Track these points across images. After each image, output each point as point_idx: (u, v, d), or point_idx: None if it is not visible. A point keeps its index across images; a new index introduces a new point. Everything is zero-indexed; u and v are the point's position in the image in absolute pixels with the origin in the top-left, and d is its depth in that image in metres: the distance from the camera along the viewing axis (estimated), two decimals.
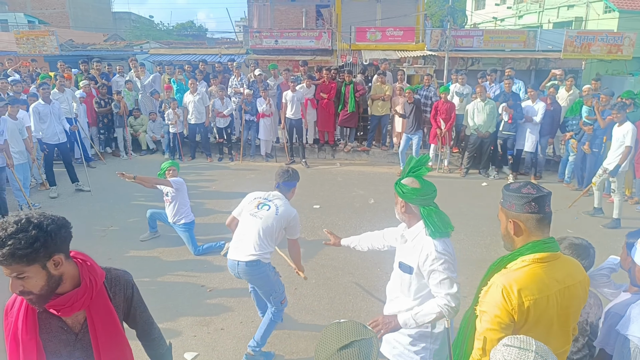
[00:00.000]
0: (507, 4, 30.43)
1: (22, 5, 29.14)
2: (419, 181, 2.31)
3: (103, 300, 1.67)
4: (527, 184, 1.77)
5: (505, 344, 1.39)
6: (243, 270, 3.27)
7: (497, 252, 5.48)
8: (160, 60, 15.24)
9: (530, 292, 1.63)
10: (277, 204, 3.38)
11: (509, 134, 8.33)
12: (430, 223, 2.26)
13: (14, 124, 6.51)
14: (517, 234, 1.76)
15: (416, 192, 2.29)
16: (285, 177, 3.45)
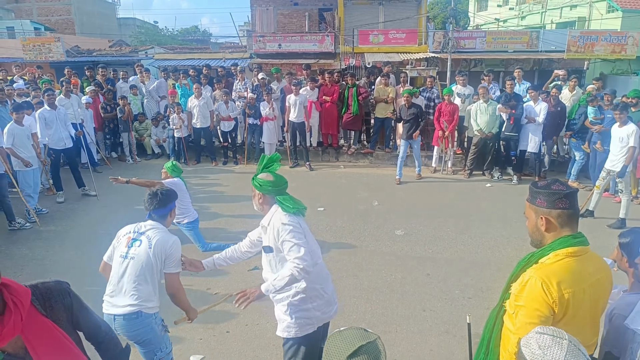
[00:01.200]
0: (509, 5, 30.41)
1: (29, 13, 29.49)
2: (272, 175, 2.65)
3: (36, 319, 1.59)
4: (555, 181, 1.82)
5: (538, 331, 1.41)
6: (121, 325, 2.71)
7: (502, 253, 5.48)
8: (165, 65, 15.35)
9: (568, 284, 1.66)
10: (149, 236, 2.79)
11: (511, 135, 8.32)
12: (285, 206, 2.60)
13: (22, 130, 6.58)
14: (548, 230, 1.79)
15: (270, 183, 2.61)
16: (156, 204, 2.90)
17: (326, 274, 2.87)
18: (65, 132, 7.61)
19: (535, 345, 1.36)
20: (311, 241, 2.70)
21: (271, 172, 2.67)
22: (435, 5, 33.82)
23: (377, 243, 5.81)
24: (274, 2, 20.33)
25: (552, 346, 1.33)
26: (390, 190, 8.14)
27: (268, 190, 2.62)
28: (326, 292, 2.79)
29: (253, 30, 20.10)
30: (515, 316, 1.72)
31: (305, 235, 2.62)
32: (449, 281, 4.83)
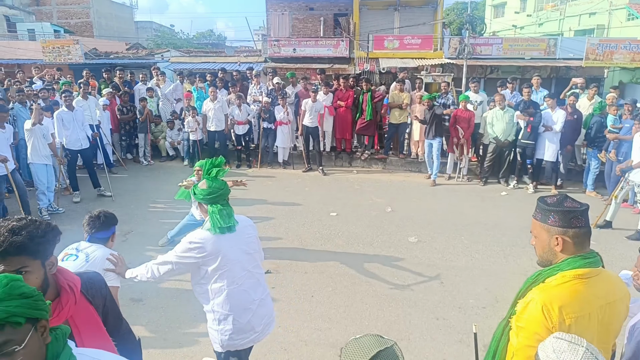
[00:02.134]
0: (527, 12, 30.16)
1: (49, 15, 30.09)
2: (207, 183, 2.55)
3: (83, 304, 1.68)
4: (565, 197, 1.72)
5: (555, 336, 1.38)
6: None
7: (516, 263, 5.40)
8: (180, 69, 15.52)
9: (571, 309, 1.59)
10: (88, 252, 2.62)
11: (528, 143, 8.22)
12: (212, 219, 2.49)
13: (41, 129, 6.72)
14: (564, 251, 1.69)
15: (203, 192, 2.53)
16: (97, 226, 2.70)
17: (245, 304, 2.60)
18: (82, 133, 7.72)
19: (550, 349, 1.35)
20: (225, 264, 2.50)
21: (208, 179, 2.59)
22: (452, 12, 33.70)
23: (390, 250, 5.76)
24: (290, 7, 20.44)
25: (567, 351, 1.31)
26: (403, 196, 8.08)
27: (201, 199, 2.55)
28: (238, 320, 2.58)
29: (268, 34, 20.23)
30: (516, 336, 1.68)
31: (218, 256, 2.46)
32: (462, 290, 4.77)
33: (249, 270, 2.63)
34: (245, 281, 2.60)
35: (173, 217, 6.80)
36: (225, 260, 2.49)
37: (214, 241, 2.47)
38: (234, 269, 2.54)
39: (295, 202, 7.62)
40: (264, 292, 2.74)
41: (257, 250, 2.74)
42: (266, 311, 2.74)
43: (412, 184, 8.90)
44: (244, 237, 2.62)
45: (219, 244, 2.48)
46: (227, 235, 2.51)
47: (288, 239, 6.10)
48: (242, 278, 2.58)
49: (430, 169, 9.22)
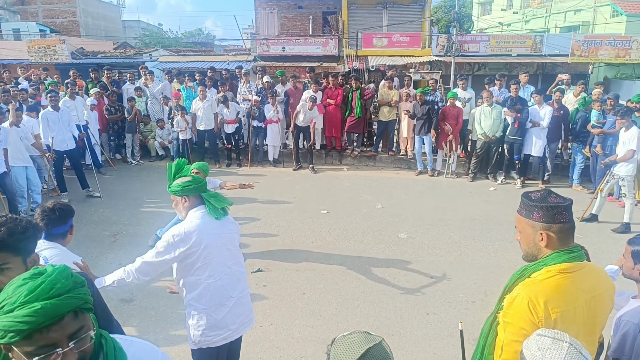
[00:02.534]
0: (513, 9, 30.45)
1: (34, 15, 29.66)
2: (188, 176, 2.58)
3: None
4: (549, 192, 1.73)
5: (539, 333, 1.40)
6: None
7: (505, 257, 5.47)
8: (169, 68, 15.42)
9: (557, 304, 1.61)
10: (46, 256, 2.43)
11: (515, 139, 8.32)
12: (208, 205, 2.52)
13: (17, 131, 6.63)
14: (548, 246, 1.70)
15: (189, 183, 2.52)
16: (54, 221, 2.45)
17: (221, 299, 2.55)
18: (68, 134, 7.64)
19: (535, 347, 1.36)
20: (205, 256, 2.47)
21: (185, 174, 2.59)
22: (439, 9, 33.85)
23: (380, 246, 5.81)
24: (278, 5, 20.41)
25: (552, 348, 1.32)
26: (393, 193, 8.14)
27: (191, 190, 2.51)
28: (212, 316, 2.53)
29: (257, 33, 20.19)
30: (503, 331, 1.70)
31: (199, 249, 2.43)
32: (452, 284, 4.83)
33: (228, 267, 2.58)
34: (223, 277, 2.55)
35: (163, 217, 6.77)
36: (206, 253, 2.45)
37: (198, 232, 2.43)
38: (213, 262, 2.49)
39: (286, 200, 7.64)
40: (243, 291, 2.68)
41: (237, 247, 2.70)
42: (243, 310, 2.67)
43: (402, 180, 8.96)
44: (226, 232, 2.60)
45: (203, 235, 2.44)
46: (211, 228, 2.48)
47: (279, 237, 6.11)
48: (220, 273, 2.53)
49: (419, 165, 9.33)
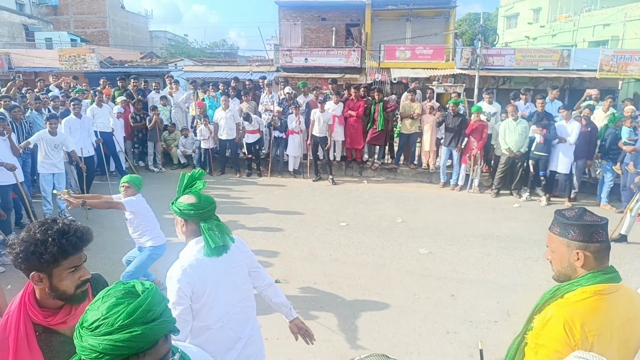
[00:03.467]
0: (540, 23, 30.03)
1: (66, 25, 30.75)
2: (195, 196, 2.22)
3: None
4: (584, 210, 1.68)
5: (577, 355, 1.33)
6: None
7: (529, 277, 5.30)
8: (193, 78, 15.69)
9: (594, 326, 1.54)
10: None
11: (541, 155, 8.13)
12: (211, 238, 2.14)
13: (52, 140, 6.80)
14: (585, 266, 1.64)
15: (193, 207, 2.17)
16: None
17: (230, 343, 2.26)
18: (88, 141, 7.85)
19: None
20: (214, 300, 2.16)
21: (194, 193, 2.25)
22: (464, 22, 33.69)
23: (400, 261, 5.70)
24: (302, 17, 20.63)
25: None
26: (414, 207, 8.03)
27: (190, 216, 2.17)
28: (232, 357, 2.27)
29: (280, 44, 20.41)
30: (535, 353, 1.63)
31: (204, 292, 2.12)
32: (474, 303, 4.69)
33: (236, 305, 2.28)
34: (231, 317, 2.25)
35: None
36: (211, 298, 2.14)
37: (198, 278, 2.10)
38: (219, 305, 2.19)
39: (305, 212, 7.61)
40: (252, 328, 2.38)
41: (246, 279, 2.37)
42: (254, 349, 2.38)
43: (423, 194, 8.84)
44: (232, 266, 2.26)
45: (205, 280, 2.11)
46: (214, 267, 2.16)
47: (297, 248, 6.08)
48: (228, 314, 2.23)
49: (443, 176, 9.24)
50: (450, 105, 8.95)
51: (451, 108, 8.89)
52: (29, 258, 1.51)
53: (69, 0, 31.53)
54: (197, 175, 2.30)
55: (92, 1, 30.87)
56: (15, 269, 1.61)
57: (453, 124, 8.79)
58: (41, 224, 1.56)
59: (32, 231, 1.53)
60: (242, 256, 2.34)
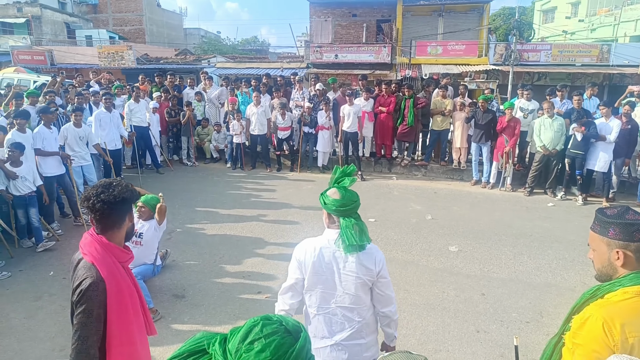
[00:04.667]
0: (578, 17, 28.96)
1: (105, 23, 31.81)
2: (340, 192, 2.26)
3: None
4: (627, 208, 1.65)
5: (617, 358, 1.33)
6: None
7: (563, 277, 5.19)
8: (226, 74, 15.97)
9: (635, 328, 1.50)
10: None
11: (578, 153, 7.88)
12: (346, 235, 2.20)
13: (77, 132, 7.06)
14: (625, 265, 1.62)
15: (336, 202, 2.24)
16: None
17: (319, 332, 2.33)
18: (117, 134, 8.11)
19: None
20: (312, 285, 2.29)
21: (340, 188, 2.29)
22: (498, 17, 32.84)
23: (429, 258, 5.68)
24: (333, 13, 20.63)
25: None
26: (444, 204, 7.95)
27: (331, 210, 2.26)
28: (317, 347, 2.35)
29: (311, 40, 20.49)
30: (572, 354, 1.60)
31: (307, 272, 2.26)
32: (505, 302, 4.63)
33: (332, 306, 2.30)
34: (325, 314, 2.31)
35: (215, 217, 7.02)
36: (311, 281, 2.29)
37: (311, 256, 2.26)
38: (316, 297, 2.31)
39: None
40: (349, 340, 2.31)
41: (361, 292, 2.29)
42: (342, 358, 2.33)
43: (454, 192, 8.73)
44: (349, 272, 2.26)
45: (316, 263, 2.26)
46: (331, 260, 2.25)
47: None
48: (321, 309, 2.31)
49: (475, 174, 9.09)
50: (480, 101, 8.80)
51: (481, 104, 8.73)
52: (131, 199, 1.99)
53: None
54: (348, 172, 2.36)
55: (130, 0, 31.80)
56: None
57: (483, 120, 8.65)
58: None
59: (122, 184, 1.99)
60: (361, 270, 2.26)
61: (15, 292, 4.74)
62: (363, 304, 2.31)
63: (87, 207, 1.92)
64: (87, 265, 1.88)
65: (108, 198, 1.89)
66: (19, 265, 5.41)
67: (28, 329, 4.09)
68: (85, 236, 1.97)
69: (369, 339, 2.38)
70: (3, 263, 5.36)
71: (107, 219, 1.93)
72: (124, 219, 1.99)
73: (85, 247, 1.92)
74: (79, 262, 1.94)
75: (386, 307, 2.37)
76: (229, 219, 6.97)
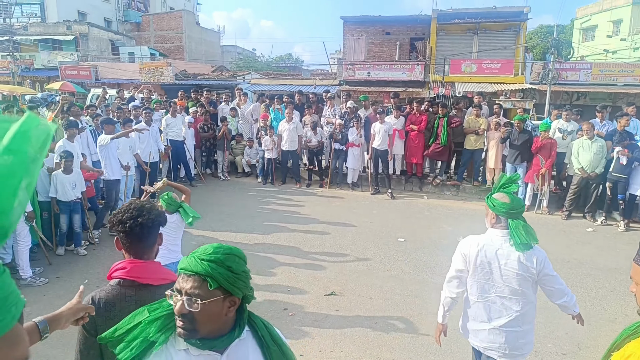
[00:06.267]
0: (620, 36, 28.06)
1: (147, 40, 33.20)
2: (509, 197, 2.55)
3: None
4: None
5: None
6: None
7: (603, 307, 4.93)
8: (260, 90, 16.29)
9: None
10: None
11: (620, 177, 7.55)
12: (517, 235, 2.49)
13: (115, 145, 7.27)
14: None
15: (505, 206, 2.52)
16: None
17: (476, 317, 2.73)
18: (154, 147, 8.37)
19: None
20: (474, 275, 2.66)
21: (508, 193, 2.59)
22: (535, 35, 32.24)
23: None
24: (366, 31, 20.79)
25: None
26: (477, 226, 7.69)
27: (501, 212, 2.55)
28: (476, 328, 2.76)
29: (344, 58, 20.67)
30: None
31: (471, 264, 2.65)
32: (540, 332, 4.42)
33: (492, 296, 2.64)
34: (485, 302, 2.67)
35: (245, 230, 7.09)
36: (474, 273, 2.67)
37: (476, 249, 2.63)
38: (477, 286, 2.68)
39: (362, 225, 7.60)
40: (507, 325, 2.63)
41: (525, 288, 2.58)
42: (501, 341, 2.66)
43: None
44: (512, 268, 2.55)
45: (479, 255, 2.62)
46: (496, 254, 2.57)
47: (354, 261, 6.07)
48: (481, 297, 2.68)
49: None
50: (516, 122, 8.60)
51: (517, 124, 8.54)
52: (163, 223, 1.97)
53: (151, 18, 34.06)
54: (515, 178, 2.67)
55: (171, 18, 33.13)
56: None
57: (519, 141, 8.44)
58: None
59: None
60: (521, 267, 2.54)
61: (51, 299, 4.91)
62: (523, 297, 2.59)
63: (122, 232, 1.84)
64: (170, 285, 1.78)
65: (146, 222, 1.85)
66: (57, 272, 5.61)
67: (62, 336, 4.20)
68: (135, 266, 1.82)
69: (526, 328, 2.66)
70: (41, 269, 5.58)
71: (144, 243, 1.87)
72: (156, 242, 1.95)
73: (152, 274, 1.82)
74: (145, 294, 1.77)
75: (560, 299, 2.69)
76: (258, 231, 7.03)
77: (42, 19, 31.09)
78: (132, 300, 1.77)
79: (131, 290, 1.80)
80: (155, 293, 1.77)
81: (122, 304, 1.76)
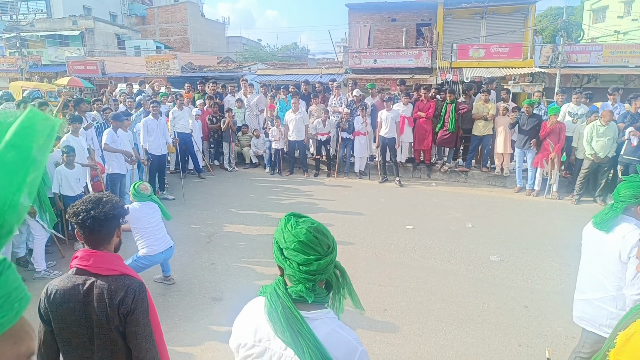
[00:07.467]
0: (632, 16, 27.43)
1: (152, 33, 33.22)
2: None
3: None
4: None
5: None
6: None
7: None
8: (266, 81, 16.25)
9: None
10: None
11: (632, 159, 7.44)
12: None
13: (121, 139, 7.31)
14: None
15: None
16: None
17: (583, 287, 3.05)
18: (163, 140, 8.42)
19: None
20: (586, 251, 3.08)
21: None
22: (544, 18, 31.66)
23: (469, 268, 5.52)
24: (372, 18, 20.57)
25: None
26: (486, 212, 7.71)
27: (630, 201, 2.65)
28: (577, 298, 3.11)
29: (350, 46, 20.50)
30: None
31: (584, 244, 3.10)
32: (549, 316, 4.42)
33: (587, 270, 3.02)
34: (581, 274, 3.11)
35: (254, 220, 7.13)
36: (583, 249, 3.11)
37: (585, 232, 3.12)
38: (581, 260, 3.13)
39: (371, 213, 7.60)
40: (593, 299, 2.90)
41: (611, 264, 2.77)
42: (584, 310, 3.00)
43: (496, 199, 8.46)
44: (604, 245, 2.87)
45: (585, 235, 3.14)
46: (593, 237, 3.00)
47: (362, 249, 6.09)
48: (580, 272, 3.13)
49: (519, 181, 8.79)
50: (525, 106, 8.49)
51: (525, 109, 8.44)
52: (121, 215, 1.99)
53: (156, 11, 34.03)
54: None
55: (175, 11, 33.09)
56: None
57: (528, 126, 8.34)
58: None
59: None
60: (608, 248, 2.81)
61: None
62: (616, 277, 2.73)
63: (76, 224, 1.87)
64: (118, 277, 1.86)
65: (99, 215, 1.85)
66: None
67: None
68: (87, 256, 1.87)
69: (616, 311, 2.73)
70: (54, 263, 5.67)
71: (96, 236, 1.88)
72: (112, 235, 1.94)
73: (101, 264, 1.86)
74: (91, 284, 1.83)
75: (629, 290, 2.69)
76: (267, 222, 7.06)
77: (48, 15, 31.22)
78: (79, 289, 1.82)
79: (81, 279, 1.85)
80: (103, 282, 1.84)
81: (70, 292, 1.82)
